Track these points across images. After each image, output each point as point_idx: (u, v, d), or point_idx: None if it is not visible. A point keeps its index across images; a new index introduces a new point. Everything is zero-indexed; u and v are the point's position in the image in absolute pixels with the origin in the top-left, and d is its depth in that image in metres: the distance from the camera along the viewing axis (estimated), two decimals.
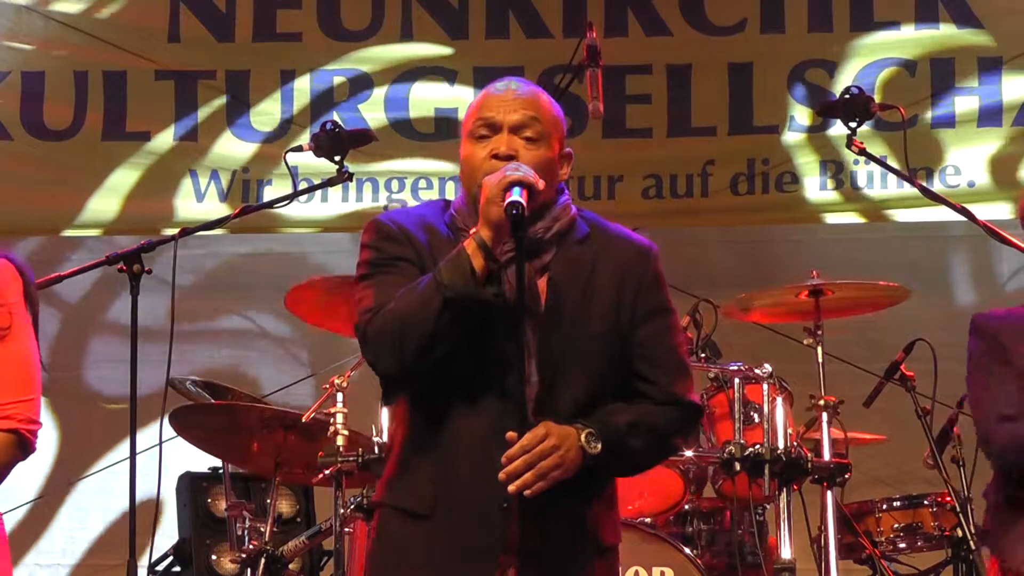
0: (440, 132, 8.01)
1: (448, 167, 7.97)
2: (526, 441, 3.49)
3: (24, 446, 4.08)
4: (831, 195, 7.89)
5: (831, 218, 7.94)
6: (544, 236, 3.68)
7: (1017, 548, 4.46)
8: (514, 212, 3.50)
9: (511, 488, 3.48)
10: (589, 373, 3.65)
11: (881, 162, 6.03)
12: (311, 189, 6.74)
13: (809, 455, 5.59)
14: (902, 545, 6.26)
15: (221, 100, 8.03)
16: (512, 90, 3.72)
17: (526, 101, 3.69)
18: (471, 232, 3.58)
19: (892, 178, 7.66)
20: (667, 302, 3.79)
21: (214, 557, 6.94)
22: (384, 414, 5.57)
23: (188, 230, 5.59)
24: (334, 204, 7.96)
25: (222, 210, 7.66)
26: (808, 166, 7.90)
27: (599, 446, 3.57)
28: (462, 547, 3.57)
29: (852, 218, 7.93)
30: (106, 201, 7.97)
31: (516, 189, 3.53)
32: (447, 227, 3.71)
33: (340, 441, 5.61)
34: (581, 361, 3.65)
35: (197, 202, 7.96)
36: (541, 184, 3.58)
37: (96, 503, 8.13)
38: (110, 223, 7.96)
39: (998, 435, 4.53)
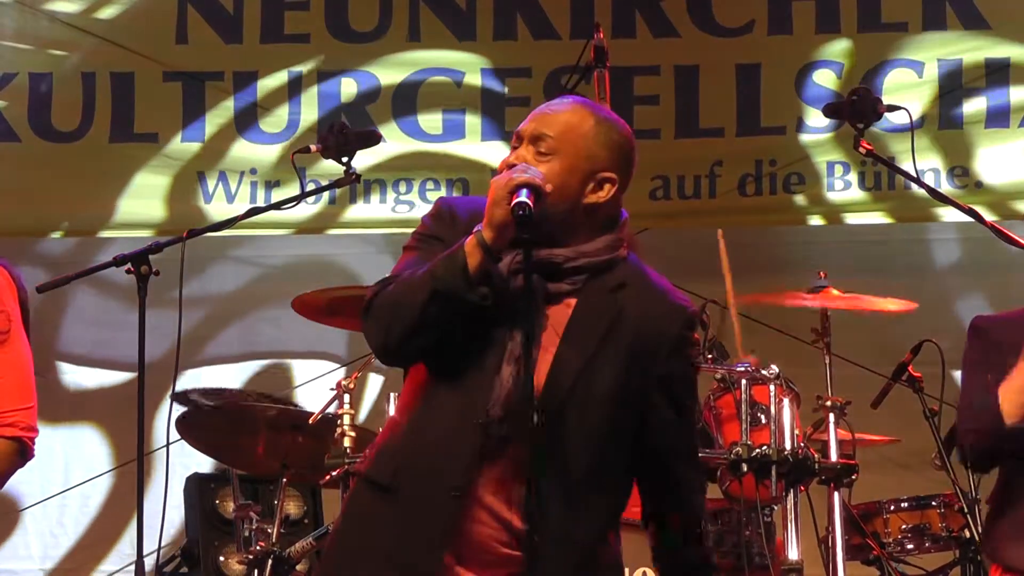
0: (447, 133, 8.02)
1: (456, 168, 7.97)
2: None
3: (24, 453, 4.11)
4: (838, 196, 7.89)
5: (838, 220, 7.94)
6: (563, 264, 3.63)
7: (1006, 547, 4.46)
8: (520, 213, 3.48)
9: None
10: (596, 407, 3.60)
11: (888, 163, 6.02)
12: (319, 190, 6.75)
13: (816, 456, 5.59)
14: (910, 546, 6.25)
15: (229, 102, 8.05)
16: (551, 107, 3.70)
17: (549, 117, 3.65)
18: (474, 230, 3.57)
19: (899, 179, 7.65)
20: (691, 369, 3.75)
21: (222, 558, 6.94)
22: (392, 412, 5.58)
23: (196, 231, 5.59)
24: (340, 205, 7.97)
25: (229, 212, 7.66)
26: (815, 167, 7.90)
27: None
28: (413, 526, 3.56)
29: (859, 219, 7.93)
30: (113, 202, 7.99)
31: (523, 191, 3.53)
32: None
33: (347, 442, 5.61)
34: (586, 409, 3.59)
35: (205, 203, 7.97)
36: (549, 187, 3.56)
37: (101, 507, 8.13)
38: (117, 224, 7.97)
39: (959, 431, 4.60)
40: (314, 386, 7.90)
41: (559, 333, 3.60)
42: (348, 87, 8.07)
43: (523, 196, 3.49)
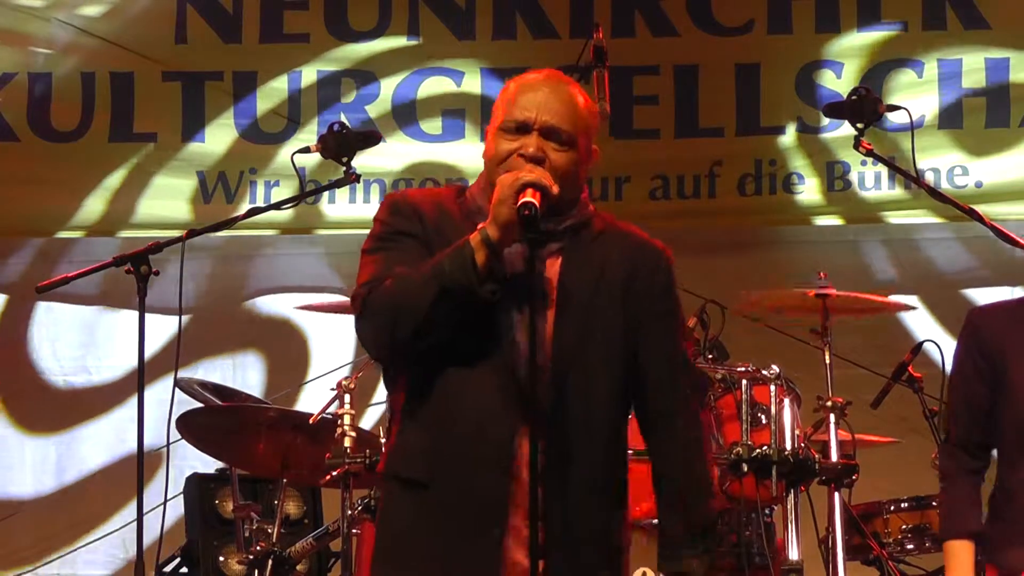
0: (447, 133, 8.02)
1: (455, 168, 7.97)
2: None
3: None
4: (838, 196, 7.90)
5: (838, 219, 7.95)
6: (556, 228, 3.68)
7: (1005, 550, 4.45)
8: (526, 213, 3.50)
9: None
10: (601, 363, 3.67)
11: (888, 163, 6.02)
12: (318, 190, 6.74)
13: (816, 456, 5.58)
14: (910, 546, 6.24)
15: (228, 101, 8.04)
16: (547, 89, 3.73)
17: (560, 104, 3.70)
18: (479, 227, 3.57)
19: (900, 179, 7.65)
20: (677, 305, 3.82)
21: (222, 558, 6.93)
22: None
23: (195, 231, 5.59)
24: (340, 206, 7.97)
25: (229, 211, 7.65)
26: (815, 167, 7.90)
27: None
28: (460, 515, 3.58)
29: (859, 219, 7.94)
30: (113, 202, 7.99)
31: (529, 191, 3.53)
32: (460, 208, 3.71)
33: (347, 442, 5.60)
34: (593, 350, 3.66)
35: (204, 203, 7.97)
36: (555, 188, 3.58)
37: (99, 507, 8.10)
38: (117, 224, 7.97)
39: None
40: (314, 386, 7.91)
41: (556, 288, 3.66)
42: (347, 87, 8.07)
43: (529, 196, 3.51)
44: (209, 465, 7.07)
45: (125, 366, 7.97)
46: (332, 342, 7.97)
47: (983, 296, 7.97)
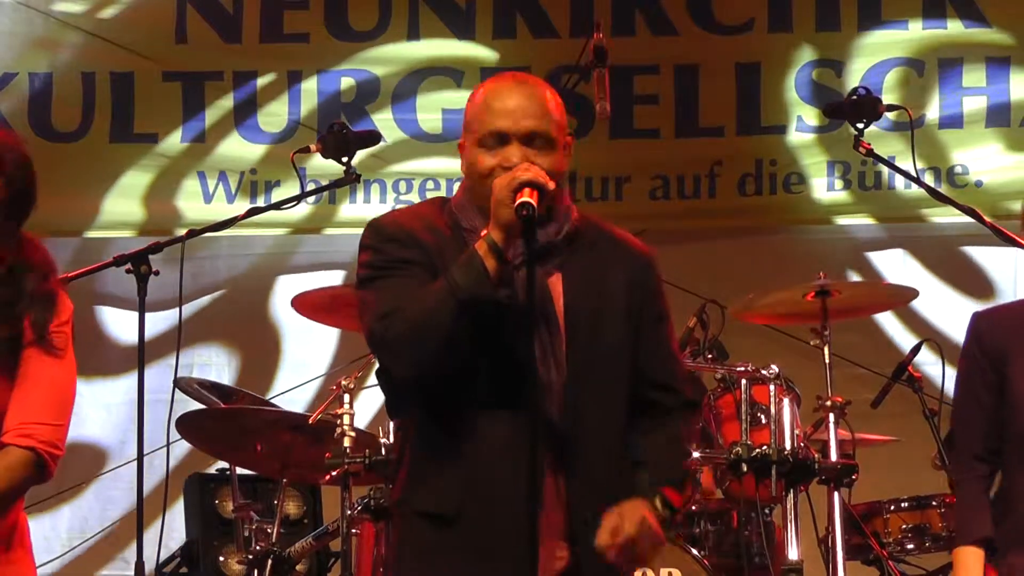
0: (447, 133, 8.02)
1: (456, 168, 7.94)
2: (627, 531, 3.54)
3: (42, 468, 3.95)
4: (839, 196, 7.90)
5: (838, 219, 7.95)
6: (556, 239, 3.66)
7: (1005, 556, 4.45)
8: (524, 213, 3.49)
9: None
10: (613, 378, 3.67)
11: (888, 163, 6.02)
12: (319, 190, 6.74)
13: (816, 456, 5.59)
14: (910, 546, 6.24)
15: (228, 101, 8.05)
16: (517, 93, 3.70)
17: (534, 108, 3.67)
18: (482, 234, 3.56)
19: (900, 179, 7.65)
20: (667, 308, 3.83)
21: (221, 558, 6.92)
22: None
23: (196, 231, 5.59)
24: (341, 205, 7.98)
25: (230, 211, 7.65)
26: (815, 167, 7.91)
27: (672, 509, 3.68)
28: (493, 547, 3.55)
29: (859, 219, 7.94)
30: (113, 203, 7.99)
31: (526, 190, 3.52)
32: (448, 225, 3.69)
33: (347, 442, 5.60)
34: (605, 366, 3.65)
35: (205, 203, 7.97)
36: (551, 184, 3.56)
37: (98, 507, 8.08)
38: (118, 225, 7.98)
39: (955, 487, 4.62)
40: (313, 386, 7.90)
41: (562, 303, 3.64)
42: (347, 86, 8.08)
43: (526, 196, 3.50)
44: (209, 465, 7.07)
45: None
46: (322, 343, 7.98)
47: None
